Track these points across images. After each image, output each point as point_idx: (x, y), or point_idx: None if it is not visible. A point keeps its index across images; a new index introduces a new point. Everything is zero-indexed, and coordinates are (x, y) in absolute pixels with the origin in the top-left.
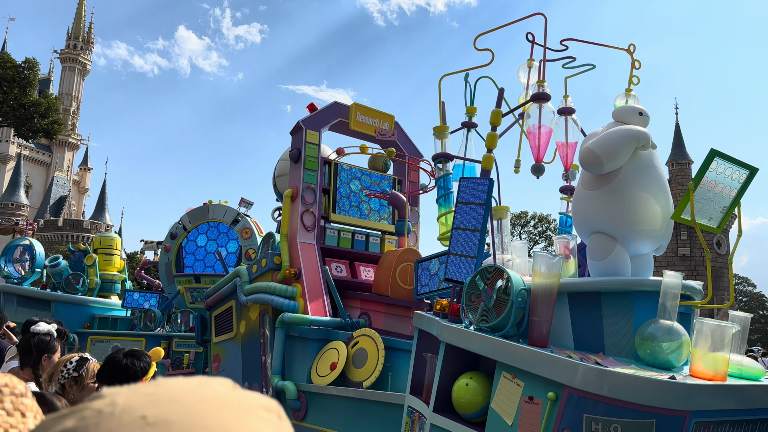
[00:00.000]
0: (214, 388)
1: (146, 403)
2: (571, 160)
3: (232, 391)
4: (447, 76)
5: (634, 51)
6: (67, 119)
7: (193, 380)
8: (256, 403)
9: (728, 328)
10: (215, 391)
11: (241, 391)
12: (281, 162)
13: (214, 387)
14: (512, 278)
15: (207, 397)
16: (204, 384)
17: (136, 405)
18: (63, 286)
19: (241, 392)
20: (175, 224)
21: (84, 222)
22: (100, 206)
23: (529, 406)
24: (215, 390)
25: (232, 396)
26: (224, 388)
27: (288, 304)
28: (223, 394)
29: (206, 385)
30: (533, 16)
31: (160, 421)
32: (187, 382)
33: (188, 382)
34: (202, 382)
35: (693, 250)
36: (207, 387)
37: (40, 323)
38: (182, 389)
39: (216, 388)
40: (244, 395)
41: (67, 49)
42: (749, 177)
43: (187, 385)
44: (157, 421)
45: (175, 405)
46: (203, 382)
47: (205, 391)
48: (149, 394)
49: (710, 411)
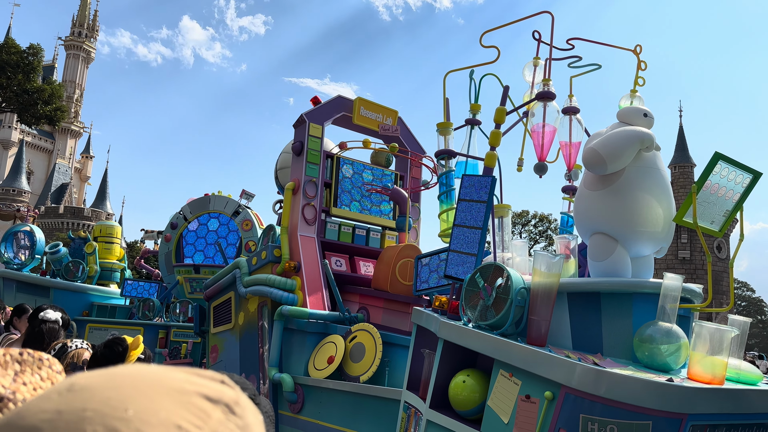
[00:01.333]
0: (169, 373)
1: (94, 374)
2: (574, 159)
3: (183, 377)
4: (452, 72)
5: (641, 52)
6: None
7: (167, 367)
8: (197, 390)
9: (727, 332)
10: (165, 375)
11: (197, 380)
12: (283, 155)
13: (171, 372)
14: (512, 277)
15: (144, 376)
16: (165, 369)
17: (85, 375)
18: (62, 274)
19: (195, 380)
20: (176, 214)
21: (85, 210)
22: (101, 194)
23: (525, 405)
24: (166, 374)
25: (174, 380)
26: (182, 374)
27: (287, 297)
28: (166, 377)
29: (166, 370)
30: (540, 15)
31: (78, 388)
32: (156, 368)
33: (156, 368)
34: (167, 368)
35: (693, 253)
36: (164, 371)
37: (48, 311)
38: (139, 369)
39: (171, 373)
40: (192, 382)
41: (72, 36)
42: (753, 181)
43: (150, 368)
44: (75, 389)
45: (106, 377)
46: (167, 369)
47: (152, 373)
48: (108, 370)
49: (707, 414)
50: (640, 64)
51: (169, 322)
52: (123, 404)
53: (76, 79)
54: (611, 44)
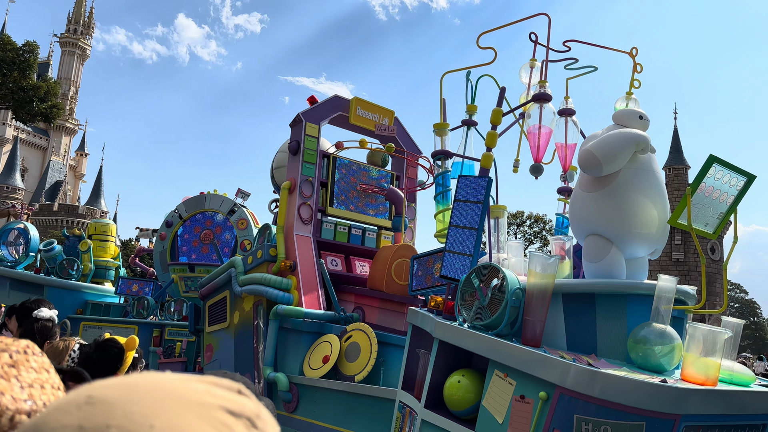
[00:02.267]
0: (189, 384)
1: (109, 385)
2: (569, 161)
3: (206, 389)
4: (449, 73)
5: (637, 54)
6: (66, 104)
7: (184, 375)
8: (218, 403)
9: (720, 333)
10: (185, 386)
11: (218, 392)
12: (280, 154)
13: (190, 383)
14: (507, 277)
15: (165, 388)
16: (184, 379)
17: (101, 385)
18: (57, 271)
19: (216, 392)
20: (171, 213)
21: (79, 207)
22: (95, 192)
23: (520, 405)
24: (186, 385)
25: (195, 392)
26: (202, 385)
27: (282, 296)
28: (186, 389)
29: (185, 380)
30: (537, 17)
31: (99, 401)
32: (176, 376)
33: (177, 376)
34: (187, 377)
35: (687, 255)
36: (183, 382)
37: (43, 309)
38: (157, 379)
39: (191, 384)
40: (213, 395)
41: (67, 33)
42: (747, 184)
43: (169, 377)
44: (97, 402)
45: (125, 390)
46: (189, 379)
47: (173, 385)
48: (123, 380)
49: (700, 415)
50: (636, 66)
51: (163, 321)
52: (146, 419)
53: (72, 76)
54: (607, 46)
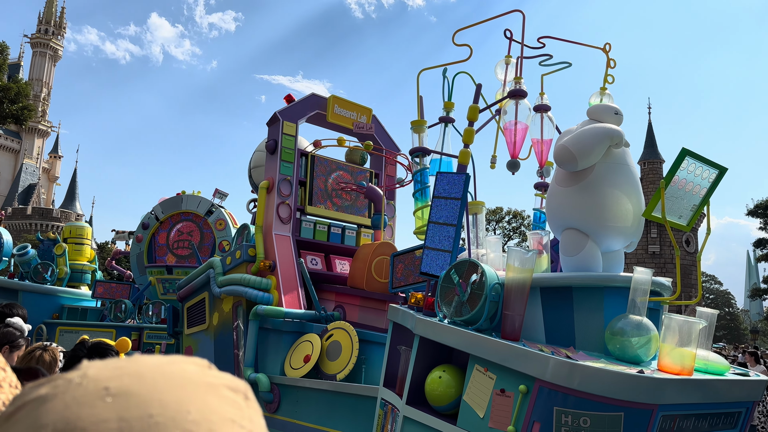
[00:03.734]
0: (183, 366)
1: (112, 375)
2: (546, 156)
3: (198, 370)
4: (425, 70)
5: (610, 50)
6: (38, 105)
7: (164, 358)
8: (221, 382)
9: (695, 323)
10: (182, 369)
11: (209, 371)
12: (257, 153)
13: (182, 365)
14: (486, 272)
15: (172, 373)
16: (173, 362)
17: (102, 377)
18: (31, 276)
19: (208, 372)
20: (148, 214)
21: (54, 211)
22: (70, 195)
23: (500, 399)
24: (182, 368)
25: (197, 374)
26: (193, 366)
27: (262, 296)
28: (188, 372)
29: (175, 363)
30: (511, 13)
31: (121, 392)
32: (158, 359)
33: (159, 359)
34: (172, 360)
35: (663, 248)
36: (175, 365)
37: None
38: (150, 365)
39: (184, 366)
40: (210, 374)
41: (38, 33)
42: (719, 176)
43: (157, 362)
44: (118, 393)
45: (138, 379)
46: (173, 361)
47: (171, 369)
48: (118, 368)
49: (677, 405)
50: (610, 62)
51: (141, 324)
52: (182, 407)
53: (43, 77)
54: (581, 43)
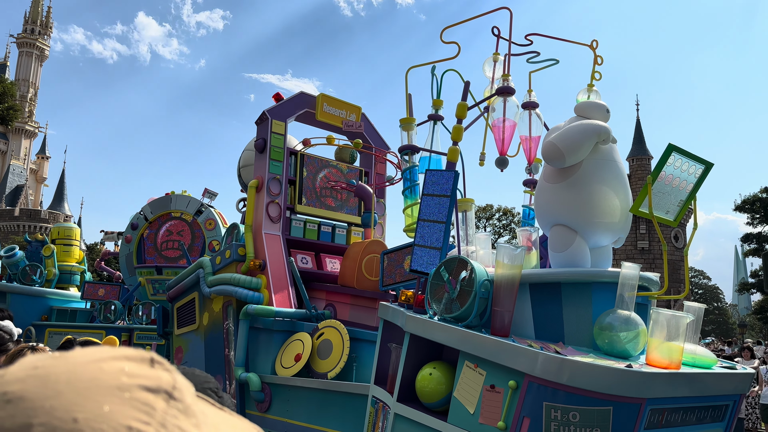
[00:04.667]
0: (100, 365)
1: (21, 377)
2: (534, 153)
3: (117, 368)
4: (414, 68)
5: (597, 47)
6: (24, 106)
7: (91, 354)
8: (135, 383)
9: (683, 318)
10: (97, 368)
11: (132, 369)
12: (246, 152)
13: (100, 364)
14: (476, 269)
15: (80, 374)
16: (97, 360)
17: (11, 379)
18: (19, 278)
19: (130, 370)
20: (137, 215)
21: (42, 212)
22: (58, 196)
23: (490, 395)
24: (98, 367)
25: (111, 374)
26: (114, 364)
27: (252, 296)
28: (101, 372)
29: (95, 361)
30: (499, 11)
31: (16, 398)
32: (81, 357)
33: (83, 358)
34: (99, 357)
35: (652, 244)
36: (93, 364)
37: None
38: (66, 365)
39: (102, 365)
40: (127, 374)
41: (24, 33)
42: (705, 171)
43: (78, 361)
44: (13, 398)
45: (41, 382)
46: (99, 358)
47: (85, 369)
48: (33, 369)
49: (665, 398)
50: (597, 58)
51: (131, 325)
52: (69, 414)
53: (30, 77)
54: (568, 40)
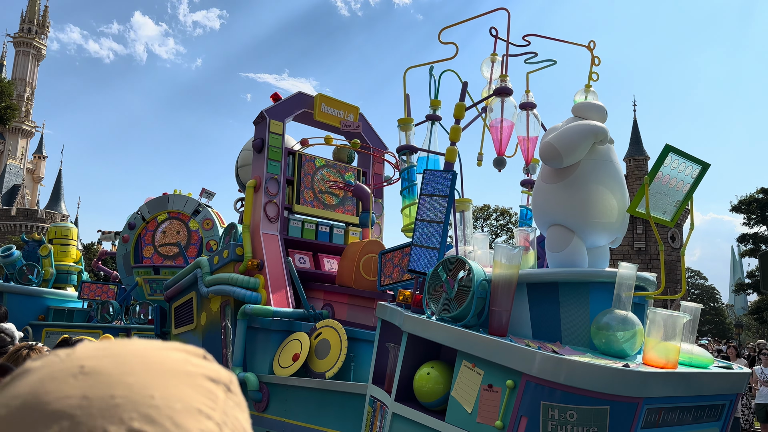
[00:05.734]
0: (167, 353)
1: (93, 355)
2: (531, 154)
3: (183, 357)
4: (412, 68)
5: (594, 48)
6: (21, 105)
7: (155, 343)
8: (201, 371)
9: (679, 317)
10: (165, 355)
11: (194, 359)
12: (244, 152)
13: (167, 352)
14: (473, 269)
15: (151, 358)
16: (160, 348)
17: (83, 356)
18: (16, 277)
19: (193, 360)
20: (134, 214)
21: (38, 212)
22: (55, 195)
23: (488, 394)
24: (165, 354)
25: (178, 362)
26: (179, 354)
27: (250, 296)
28: (169, 359)
29: (162, 349)
30: (496, 11)
31: (93, 372)
32: (147, 344)
33: (148, 344)
34: (161, 346)
35: (648, 244)
36: (160, 351)
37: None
38: (135, 348)
39: (169, 353)
40: (193, 363)
41: (21, 32)
42: (702, 172)
43: (145, 346)
44: (90, 372)
45: (114, 359)
46: (162, 347)
47: (154, 354)
48: (103, 349)
49: (662, 398)
50: (594, 59)
51: (129, 325)
52: (147, 390)
53: (27, 76)
54: (566, 40)
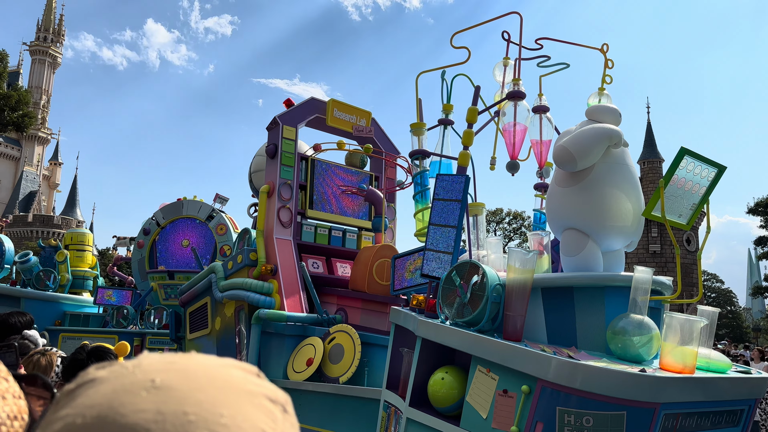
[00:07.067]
0: (229, 370)
1: (161, 369)
2: (545, 157)
3: (243, 376)
4: (424, 73)
5: (608, 50)
6: (37, 113)
7: (217, 360)
8: (261, 391)
9: (696, 322)
10: (227, 372)
11: (253, 379)
12: (257, 158)
13: (229, 369)
14: (487, 274)
15: (216, 375)
16: (222, 365)
17: (152, 369)
18: (33, 283)
19: (252, 379)
20: (149, 220)
21: (54, 218)
22: (71, 201)
23: (503, 400)
24: (228, 372)
25: (240, 380)
26: (240, 372)
27: (264, 300)
28: (232, 377)
29: (224, 366)
30: (509, 15)
31: (165, 386)
32: (209, 360)
33: (210, 361)
34: (222, 363)
35: (664, 247)
36: (223, 368)
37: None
38: (199, 364)
39: (231, 371)
40: (253, 382)
41: (37, 41)
42: (718, 175)
43: (208, 362)
44: (161, 386)
45: (183, 375)
46: (223, 364)
47: (217, 371)
48: (169, 363)
49: (679, 403)
50: (608, 62)
51: (144, 330)
52: (216, 408)
53: (43, 84)
54: (579, 43)
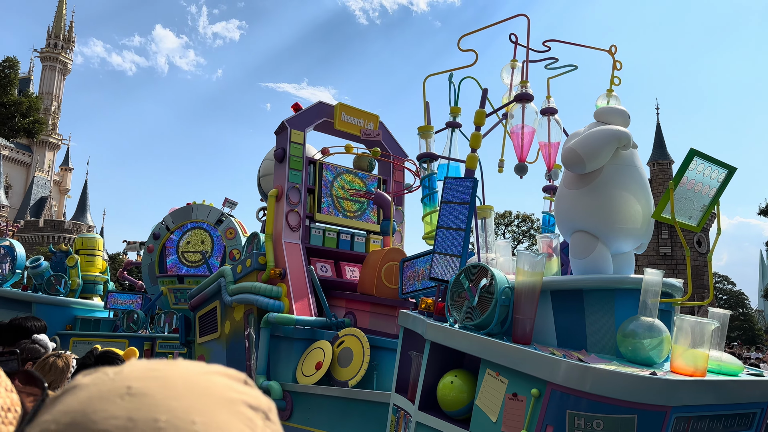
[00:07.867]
0: (211, 377)
1: (140, 376)
2: (553, 159)
3: (225, 383)
4: (431, 76)
5: (616, 52)
6: (48, 118)
7: (201, 367)
8: (242, 398)
9: (707, 324)
10: (208, 380)
11: (236, 386)
12: (266, 162)
13: (211, 376)
14: (496, 276)
15: (195, 382)
16: (205, 372)
17: (131, 376)
18: (44, 288)
19: (235, 386)
20: (158, 224)
21: (65, 223)
22: (81, 207)
23: (513, 403)
24: (209, 379)
25: (221, 387)
26: (222, 379)
27: (273, 304)
28: (212, 384)
29: (206, 373)
30: (516, 17)
31: (139, 393)
32: (193, 368)
33: (195, 368)
34: (206, 370)
35: (674, 249)
36: (205, 375)
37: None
38: (180, 372)
39: (213, 378)
40: (235, 389)
41: (48, 48)
42: (728, 176)
43: (190, 369)
44: (136, 393)
45: (160, 382)
46: (207, 371)
47: (198, 378)
48: (150, 370)
49: (691, 406)
50: (616, 63)
51: (154, 334)
52: (189, 415)
53: (53, 90)
54: (586, 45)
